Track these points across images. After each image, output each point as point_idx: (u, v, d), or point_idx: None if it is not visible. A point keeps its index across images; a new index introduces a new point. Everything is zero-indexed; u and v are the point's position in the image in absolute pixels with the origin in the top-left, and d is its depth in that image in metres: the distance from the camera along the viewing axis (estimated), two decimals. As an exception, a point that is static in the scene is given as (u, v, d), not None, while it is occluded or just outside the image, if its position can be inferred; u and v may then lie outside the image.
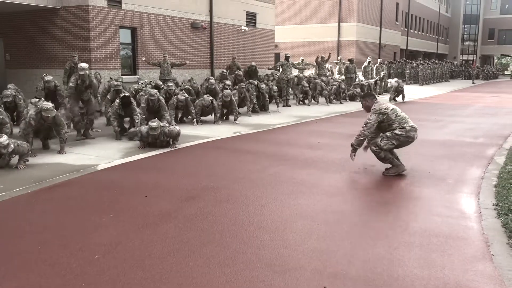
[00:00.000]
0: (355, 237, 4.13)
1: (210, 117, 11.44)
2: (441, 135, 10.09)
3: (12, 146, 6.38)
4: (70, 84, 8.87)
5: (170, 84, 11.81)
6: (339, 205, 5.07)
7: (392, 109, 6.20)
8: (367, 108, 6.40)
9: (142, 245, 3.90)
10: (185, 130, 9.84)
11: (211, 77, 13.79)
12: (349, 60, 20.39)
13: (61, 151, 7.54)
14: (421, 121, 11.98)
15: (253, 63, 18.28)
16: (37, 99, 8.85)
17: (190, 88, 12.73)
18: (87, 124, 8.95)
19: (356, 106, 16.29)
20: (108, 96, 10.54)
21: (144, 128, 8.01)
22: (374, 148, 6.25)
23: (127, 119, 9.43)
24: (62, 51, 13.85)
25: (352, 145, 6.32)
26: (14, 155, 6.66)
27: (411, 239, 4.09)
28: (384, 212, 4.92)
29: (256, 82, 13.98)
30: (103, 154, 7.60)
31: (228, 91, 11.42)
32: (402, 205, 5.15)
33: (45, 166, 6.76)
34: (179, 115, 11.32)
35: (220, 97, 11.29)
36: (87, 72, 8.74)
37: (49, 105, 7.33)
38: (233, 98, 11.47)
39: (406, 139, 6.18)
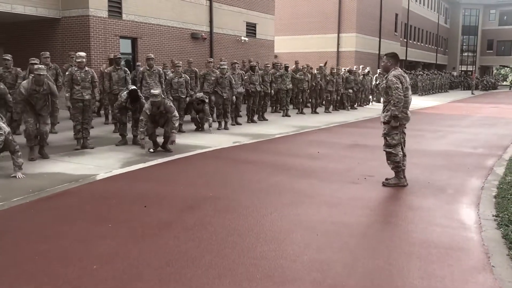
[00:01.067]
0: (355, 248, 4.11)
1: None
2: (441, 145, 10.09)
3: (2, 138, 6.39)
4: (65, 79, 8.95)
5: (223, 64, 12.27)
6: (339, 215, 5.06)
7: (406, 88, 6.12)
8: (385, 68, 6.26)
9: (140, 256, 3.88)
10: (184, 139, 9.84)
11: (210, 58, 14.01)
12: (348, 70, 20.42)
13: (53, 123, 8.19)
14: (420, 131, 12.02)
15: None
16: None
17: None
18: (85, 133, 8.87)
19: (356, 116, 16.33)
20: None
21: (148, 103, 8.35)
22: (389, 149, 6.24)
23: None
24: (62, 60, 13.88)
25: (396, 116, 6.03)
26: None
27: (410, 249, 4.07)
28: (383, 223, 4.90)
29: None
30: (102, 163, 7.59)
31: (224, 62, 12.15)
32: (402, 215, 5.13)
33: (44, 175, 6.74)
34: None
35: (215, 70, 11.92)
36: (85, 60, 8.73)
37: (41, 66, 7.58)
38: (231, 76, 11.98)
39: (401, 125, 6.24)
